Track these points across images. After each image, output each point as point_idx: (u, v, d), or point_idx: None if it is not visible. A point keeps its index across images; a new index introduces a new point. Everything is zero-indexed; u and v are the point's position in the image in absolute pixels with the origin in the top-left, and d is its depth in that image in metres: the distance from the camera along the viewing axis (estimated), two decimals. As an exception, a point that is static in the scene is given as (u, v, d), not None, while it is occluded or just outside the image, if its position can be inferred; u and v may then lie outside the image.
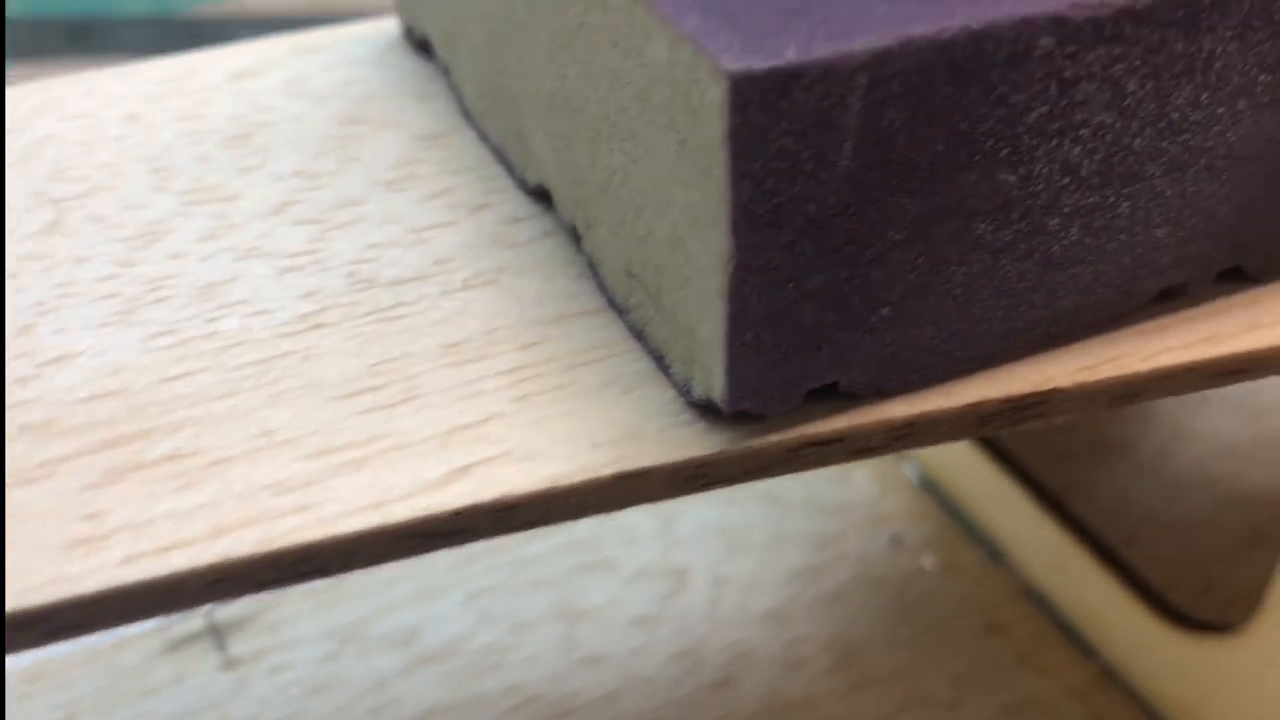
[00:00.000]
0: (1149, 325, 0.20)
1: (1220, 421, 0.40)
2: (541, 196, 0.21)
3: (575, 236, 0.20)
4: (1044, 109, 0.17)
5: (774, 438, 0.18)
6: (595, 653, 0.33)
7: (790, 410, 0.18)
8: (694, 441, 0.17)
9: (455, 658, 0.32)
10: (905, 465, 0.38)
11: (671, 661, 0.33)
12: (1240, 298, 0.20)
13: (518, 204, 0.22)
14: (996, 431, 0.19)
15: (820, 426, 0.18)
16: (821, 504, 0.37)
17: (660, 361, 0.18)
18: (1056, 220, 0.18)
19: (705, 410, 0.18)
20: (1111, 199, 0.18)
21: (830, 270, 0.16)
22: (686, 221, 0.16)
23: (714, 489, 0.18)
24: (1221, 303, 0.20)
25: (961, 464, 0.36)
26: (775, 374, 0.17)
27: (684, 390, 0.18)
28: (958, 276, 0.17)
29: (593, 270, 0.20)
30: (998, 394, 0.18)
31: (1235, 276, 0.20)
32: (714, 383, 0.17)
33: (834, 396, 0.18)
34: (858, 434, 0.18)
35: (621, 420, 0.18)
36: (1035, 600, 0.34)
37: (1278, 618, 0.28)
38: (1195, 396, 0.41)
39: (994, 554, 0.36)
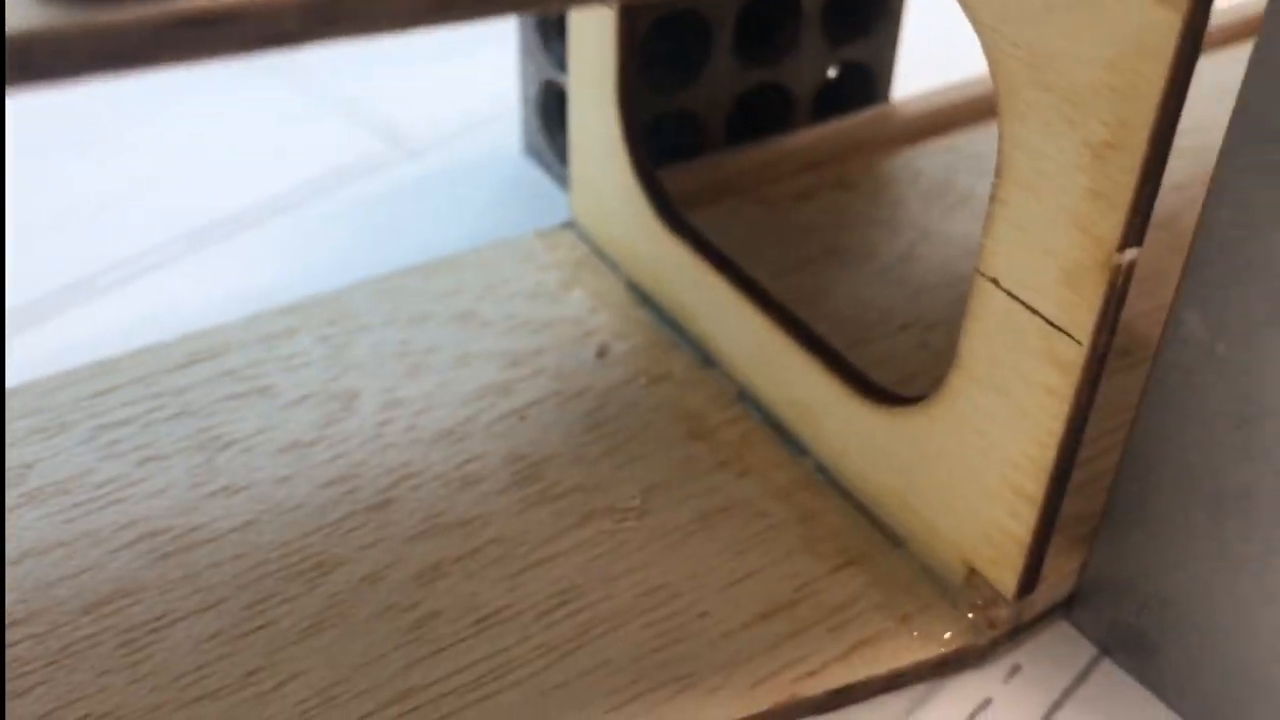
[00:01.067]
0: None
1: (969, 224, 0.36)
2: None
3: None
4: None
5: (134, 12, 0.13)
6: (233, 483, 0.28)
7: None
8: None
9: (68, 495, 0.28)
10: (621, 280, 0.34)
11: (322, 488, 0.28)
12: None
13: None
14: None
15: None
16: (523, 321, 0.33)
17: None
18: None
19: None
20: None
21: None
22: None
23: (50, 80, 0.13)
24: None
25: (680, 274, 0.32)
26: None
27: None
28: None
29: None
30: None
31: None
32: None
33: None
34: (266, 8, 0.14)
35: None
36: (748, 403, 0.31)
37: (966, 376, 0.24)
38: (946, 202, 0.37)
39: (707, 361, 0.32)
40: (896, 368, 0.32)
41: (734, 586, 0.27)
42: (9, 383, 0.31)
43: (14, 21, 0.13)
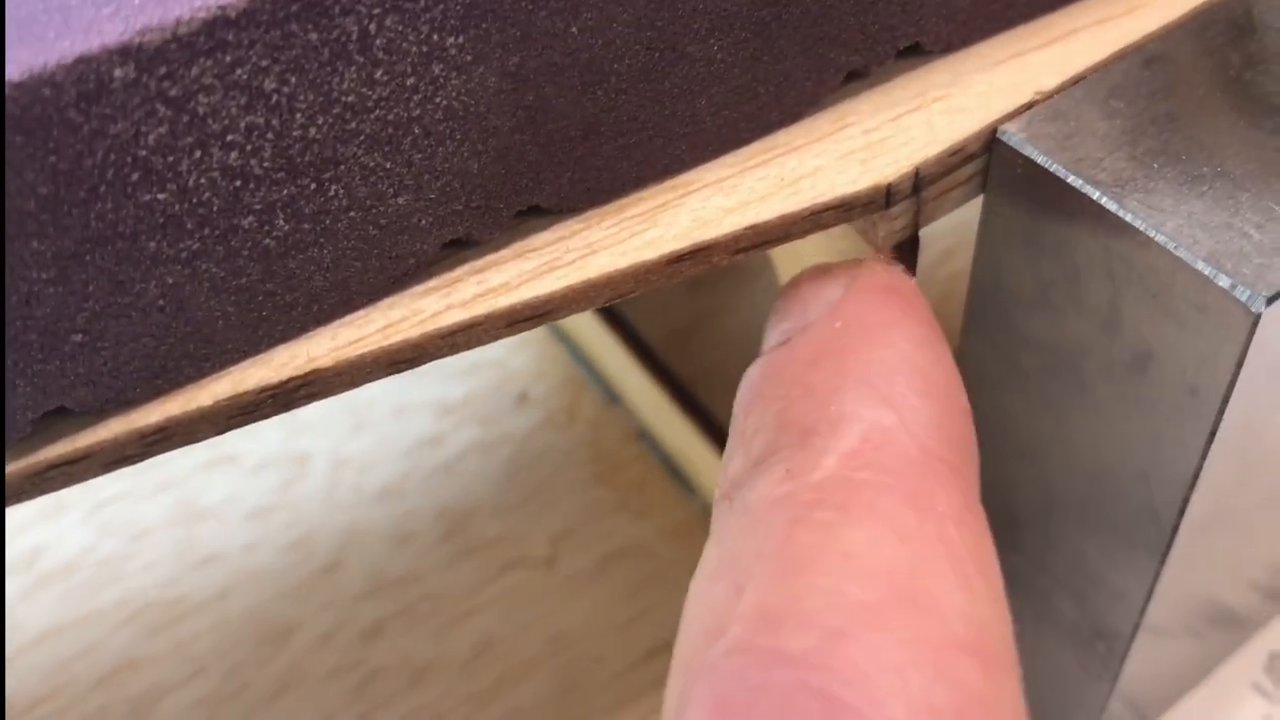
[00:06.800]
0: (438, 281, 0.20)
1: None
2: None
3: None
4: (163, 129, 0.16)
5: (18, 465, 0.18)
6: (211, 552, 0.34)
7: (29, 436, 0.18)
8: (-72, 484, 0.18)
9: (75, 574, 0.33)
10: (539, 315, 0.38)
11: (283, 552, 0.34)
12: (547, 235, 0.20)
13: None
14: (271, 416, 0.19)
15: (65, 447, 0.18)
16: (451, 369, 0.37)
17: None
18: (250, 219, 0.17)
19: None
20: (313, 186, 0.18)
21: (-23, 322, 0.16)
22: None
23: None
24: (519, 245, 0.20)
25: (584, 323, 0.36)
26: (-27, 416, 0.17)
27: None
28: (151, 292, 0.17)
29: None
30: (254, 384, 0.19)
31: (536, 212, 0.20)
32: (-85, 434, 0.17)
33: (79, 415, 0.18)
34: (108, 448, 0.18)
35: None
36: (646, 442, 0.35)
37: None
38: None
39: (613, 398, 0.36)
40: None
41: (625, 628, 0.32)
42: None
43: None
